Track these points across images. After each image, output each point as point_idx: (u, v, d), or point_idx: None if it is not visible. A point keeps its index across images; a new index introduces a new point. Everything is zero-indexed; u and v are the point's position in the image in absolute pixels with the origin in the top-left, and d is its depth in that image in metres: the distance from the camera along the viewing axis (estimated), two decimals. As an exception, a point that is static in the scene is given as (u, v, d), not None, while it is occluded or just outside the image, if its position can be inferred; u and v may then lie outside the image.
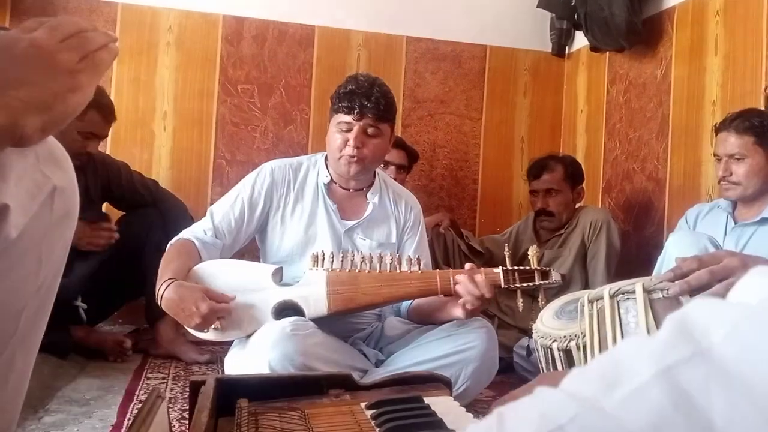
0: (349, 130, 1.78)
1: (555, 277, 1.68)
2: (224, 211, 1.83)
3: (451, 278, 1.63)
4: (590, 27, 2.90)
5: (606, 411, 0.36)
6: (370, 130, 1.78)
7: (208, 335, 1.65)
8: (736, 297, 0.38)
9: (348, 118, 1.77)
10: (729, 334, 0.35)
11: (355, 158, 1.78)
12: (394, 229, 1.91)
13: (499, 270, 1.65)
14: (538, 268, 1.67)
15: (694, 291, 1.08)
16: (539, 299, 1.69)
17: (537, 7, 3.17)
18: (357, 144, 1.77)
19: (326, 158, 1.92)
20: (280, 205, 1.85)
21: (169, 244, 1.82)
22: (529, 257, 1.70)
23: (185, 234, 1.81)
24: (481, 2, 3.33)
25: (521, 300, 1.68)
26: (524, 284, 1.65)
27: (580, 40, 3.27)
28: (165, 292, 1.60)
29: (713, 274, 1.06)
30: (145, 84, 3.00)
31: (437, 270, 1.77)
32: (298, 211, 1.85)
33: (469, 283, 1.60)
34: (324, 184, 1.87)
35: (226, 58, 3.07)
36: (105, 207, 2.62)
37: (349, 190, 1.89)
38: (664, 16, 2.77)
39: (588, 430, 0.35)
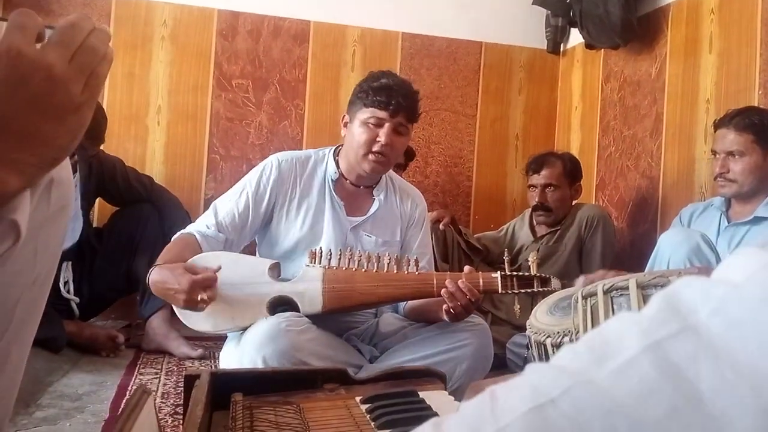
0: (379, 126, 1.73)
1: (555, 284, 1.63)
2: (228, 206, 1.79)
3: (447, 282, 1.60)
4: (585, 24, 2.90)
5: (597, 383, 0.36)
6: (401, 129, 1.75)
7: (203, 324, 1.63)
8: (720, 276, 0.39)
9: (382, 113, 1.72)
10: (715, 309, 0.36)
11: (383, 157, 1.75)
12: (398, 226, 1.89)
13: (497, 275, 1.63)
14: (538, 274, 1.65)
15: None
16: (538, 301, 1.68)
17: (532, 4, 3.18)
18: (388, 141, 1.73)
19: (335, 153, 1.88)
20: (286, 199, 1.82)
21: (171, 239, 1.78)
22: (528, 263, 1.69)
23: (187, 229, 1.77)
24: (477, -1, 3.33)
25: (518, 305, 1.66)
26: (522, 290, 1.62)
27: (575, 37, 3.27)
28: (150, 277, 1.58)
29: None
30: (139, 78, 2.98)
31: (434, 272, 1.75)
32: (304, 206, 1.82)
33: (455, 291, 1.58)
34: (332, 179, 1.84)
35: (221, 52, 3.06)
36: (98, 202, 2.62)
37: (359, 186, 1.86)
38: (659, 13, 2.78)
39: (579, 401, 0.36)
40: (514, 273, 1.64)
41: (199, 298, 1.52)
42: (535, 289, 1.63)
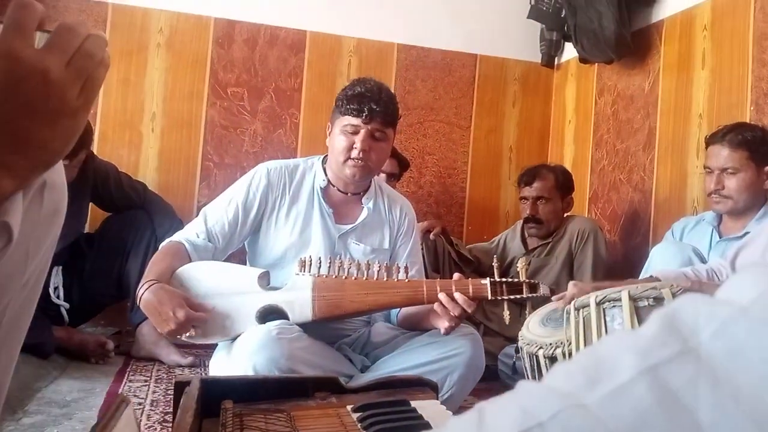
0: (355, 133, 1.76)
1: (543, 290, 1.64)
2: (218, 215, 1.80)
3: (438, 289, 1.61)
4: (579, 39, 2.92)
5: (588, 409, 0.34)
6: (377, 134, 1.77)
7: (188, 338, 1.63)
8: (725, 295, 0.37)
9: (356, 121, 1.75)
10: (718, 332, 0.34)
11: (362, 162, 1.77)
12: (387, 234, 1.89)
13: (486, 281, 1.62)
14: (527, 280, 1.64)
15: None
16: (526, 310, 1.68)
17: (527, 17, 3.20)
18: (364, 147, 1.75)
19: (323, 161, 1.90)
20: (275, 208, 1.83)
21: (159, 247, 1.79)
22: (517, 269, 1.69)
23: (176, 236, 1.78)
24: (472, 11, 3.35)
25: (508, 312, 1.66)
26: (512, 296, 1.62)
27: (570, 52, 3.30)
28: (145, 293, 1.57)
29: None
30: (134, 85, 2.98)
31: (424, 279, 1.75)
32: (293, 213, 1.83)
33: (447, 302, 1.58)
34: (321, 187, 1.85)
35: (217, 60, 3.06)
36: (91, 207, 2.60)
37: (347, 194, 1.87)
38: (653, 29, 2.81)
39: (568, 428, 0.34)
40: (504, 279, 1.64)
41: (186, 335, 1.58)
42: (525, 296, 1.62)
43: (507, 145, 3.44)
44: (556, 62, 3.44)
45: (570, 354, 1.33)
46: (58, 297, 2.31)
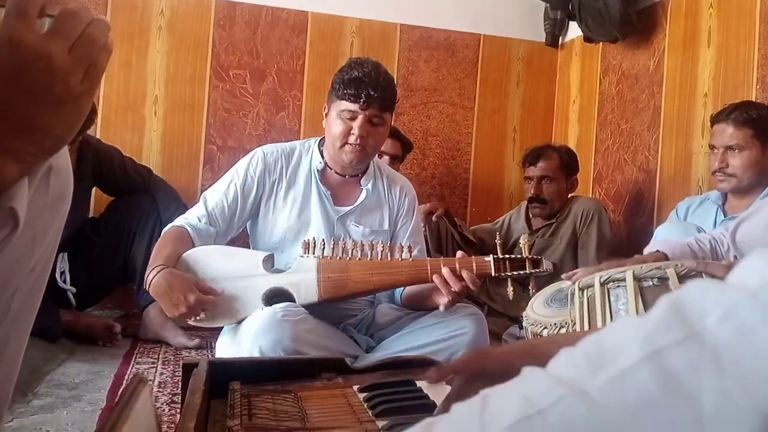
0: (352, 119, 1.74)
1: (546, 265, 1.67)
2: (217, 198, 1.81)
3: (441, 266, 1.62)
4: (584, 17, 2.89)
5: (590, 395, 0.34)
6: (374, 120, 1.76)
7: (195, 321, 1.65)
8: (735, 279, 0.36)
9: (353, 106, 1.73)
10: (725, 316, 0.33)
11: (359, 147, 1.76)
12: (387, 215, 1.89)
13: (489, 258, 1.64)
14: (530, 256, 1.67)
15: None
16: (530, 287, 1.70)
17: (531, -4, 3.17)
18: (362, 133, 1.74)
19: (320, 143, 1.89)
20: (273, 191, 1.84)
21: (163, 231, 1.81)
22: (520, 245, 1.70)
23: (179, 221, 1.79)
24: (476, -9, 3.32)
25: (511, 288, 1.68)
26: (515, 272, 1.64)
27: (574, 31, 3.27)
28: (155, 278, 1.59)
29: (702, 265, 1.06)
30: (136, 68, 2.97)
31: (428, 258, 1.76)
32: (291, 196, 1.83)
33: (449, 276, 1.59)
34: (318, 170, 1.85)
35: (218, 42, 3.04)
36: (94, 191, 2.61)
37: (344, 176, 1.87)
38: (658, 7, 2.77)
39: (569, 415, 0.34)
40: (507, 256, 1.65)
41: (194, 319, 1.60)
42: (528, 271, 1.64)
43: (511, 126, 3.42)
44: (560, 41, 3.41)
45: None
46: (64, 282, 2.33)
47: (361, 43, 3.19)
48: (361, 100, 1.72)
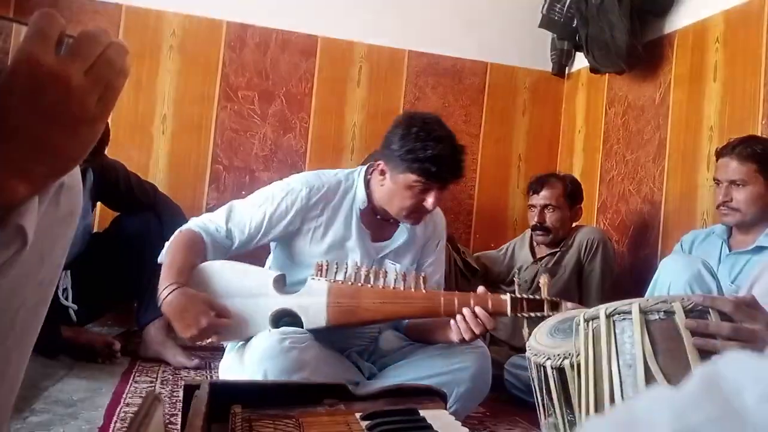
0: (425, 191, 1.68)
1: (564, 308, 1.59)
2: (242, 217, 1.75)
3: (456, 303, 1.57)
4: (591, 48, 2.92)
5: None
6: (444, 189, 1.74)
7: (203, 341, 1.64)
8: None
9: (430, 184, 1.67)
10: (766, 395, 0.31)
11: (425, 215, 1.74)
12: (420, 246, 1.86)
13: (507, 297, 1.58)
14: (548, 298, 1.60)
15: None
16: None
17: (539, 26, 3.20)
18: (436, 205, 1.72)
19: (365, 178, 1.81)
20: (312, 225, 1.77)
21: (177, 230, 1.75)
22: (539, 285, 1.63)
23: (195, 224, 1.74)
24: (483, 20, 3.35)
25: (527, 329, 1.61)
26: (532, 314, 1.56)
27: (581, 61, 3.30)
28: (168, 297, 1.56)
29: (737, 332, 1.04)
30: (146, 87, 3.00)
31: (442, 291, 1.71)
32: (330, 232, 1.77)
33: (471, 319, 1.55)
34: (360, 208, 1.78)
35: (228, 64, 3.07)
36: (99, 206, 2.61)
37: (388, 220, 1.82)
38: (665, 40, 2.80)
39: None
40: (525, 296, 1.59)
41: (206, 341, 1.59)
42: (546, 314, 1.55)
43: (516, 154, 3.43)
44: (566, 72, 3.44)
45: (578, 365, 1.32)
46: (66, 298, 2.32)
47: (370, 69, 3.22)
48: (443, 179, 1.68)
